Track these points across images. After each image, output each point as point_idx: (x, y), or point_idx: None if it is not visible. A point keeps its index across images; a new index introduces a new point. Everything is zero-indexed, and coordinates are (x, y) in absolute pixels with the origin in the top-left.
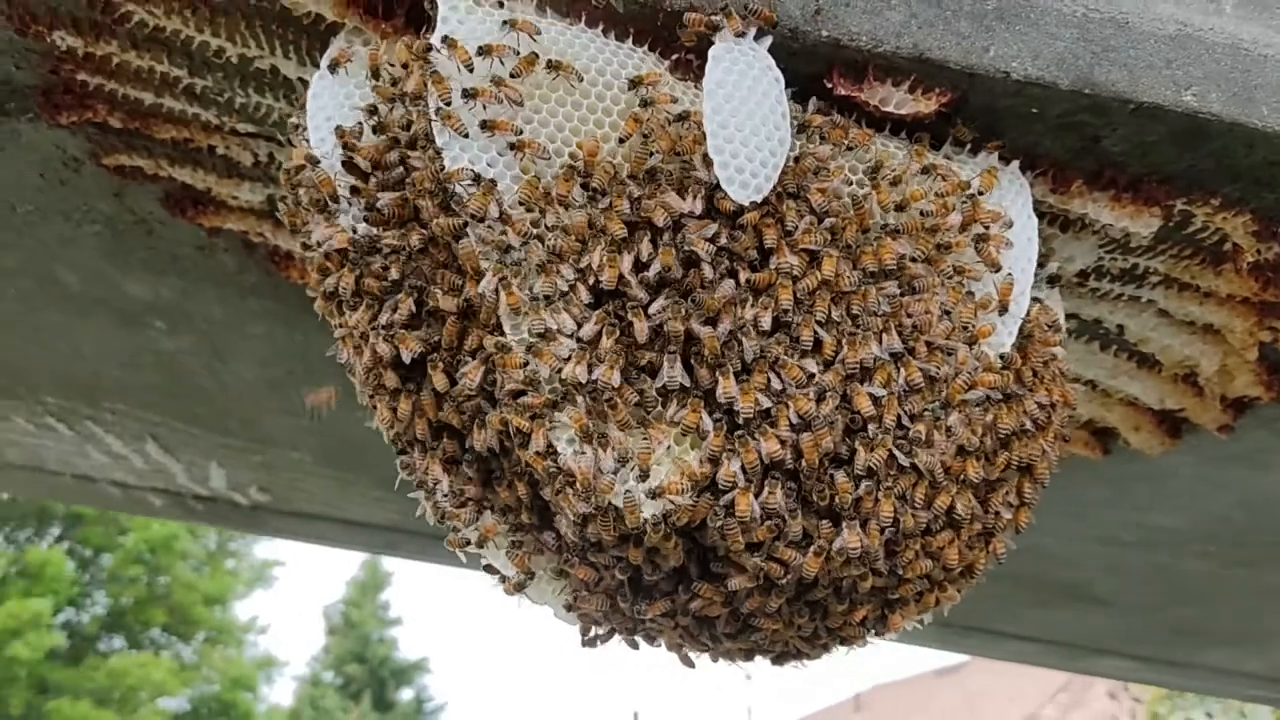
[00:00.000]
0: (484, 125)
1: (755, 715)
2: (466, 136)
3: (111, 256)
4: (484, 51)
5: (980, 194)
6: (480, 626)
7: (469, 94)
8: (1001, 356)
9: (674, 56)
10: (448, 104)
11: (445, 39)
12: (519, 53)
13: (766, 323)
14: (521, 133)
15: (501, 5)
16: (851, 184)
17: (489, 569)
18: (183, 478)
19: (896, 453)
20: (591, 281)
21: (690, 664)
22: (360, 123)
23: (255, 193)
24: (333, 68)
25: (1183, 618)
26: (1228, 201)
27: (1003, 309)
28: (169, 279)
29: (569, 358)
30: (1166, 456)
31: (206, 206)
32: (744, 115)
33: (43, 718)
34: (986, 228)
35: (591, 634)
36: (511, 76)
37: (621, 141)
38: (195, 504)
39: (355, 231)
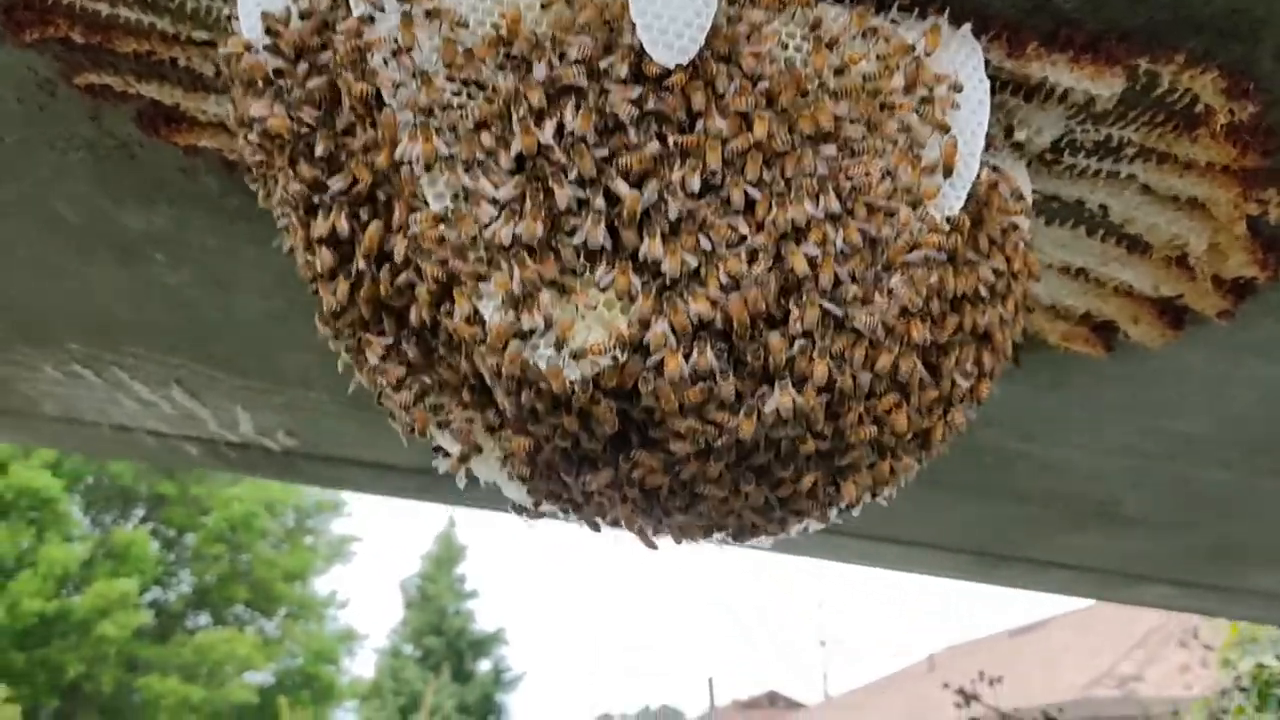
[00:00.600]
0: None
1: (830, 681)
2: (383, 10)
3: (102, 185)
4: None
5: (926, 55)
6: (556, 597)
7: None
8: (948, 219)
9: None
10: None
11: None
12: None
13: (695, 184)
14: None
15: None
16: (788, 48)
17: (436, 449)
18: (212, 424)
19: (832, 309)
20: (513, 148)
21: (652, 545)
22: (288, 7)
23: (221, 105)
24: None
25: (1215, 535)
26: (1192, 57)
27: (948, 171)
28: (160, 207)
29: (490, 222)
30: (1178, 354)
31: (179, 124)
32: None
33: (133, 694)
34: (931, 90)
35: (539, 508)
36: None
37: (545, 8)
38: (229, 451)
39: (289, 117)
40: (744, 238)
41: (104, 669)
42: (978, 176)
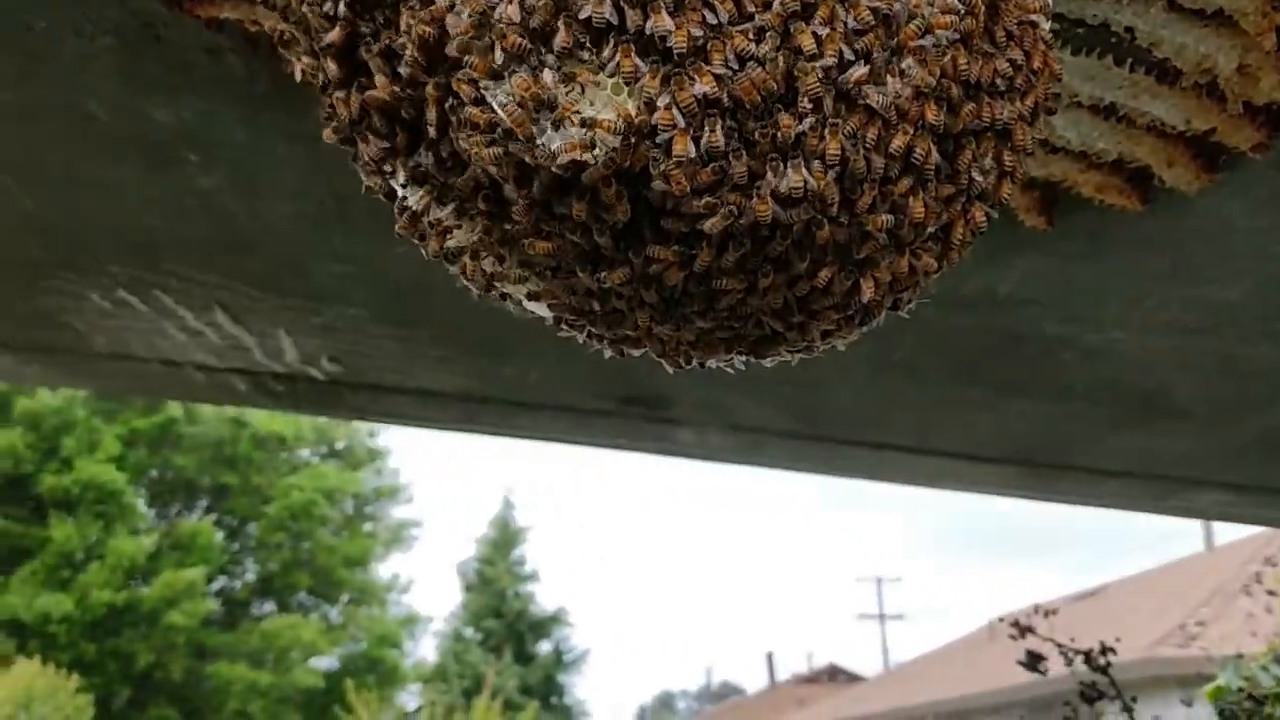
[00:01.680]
0: None
1: (890, 652)
2: None
3: (129, 77)
4: None
5: None
6: (616, 576)
7: None
8: (962, 1)
9: None
10: None
11: None
12: None
13: None
14: None
15: None
16: None
17: (452, 259)
18: (258, 353)
19: (840, 85)
20: None
21: (678, 364)
22: None
23: None
24: None
25: (1265, 426)
26: None
27: None
28: (187, 98)
29: (497, 3)
30: (1216, 207)
31: None
32: None
33: (203, 681)
34: None
35: (563, 322)
36: None
37: None
38: (275, 384)
39: None
40: (751, 15)
41: (173, 657)
42: None
